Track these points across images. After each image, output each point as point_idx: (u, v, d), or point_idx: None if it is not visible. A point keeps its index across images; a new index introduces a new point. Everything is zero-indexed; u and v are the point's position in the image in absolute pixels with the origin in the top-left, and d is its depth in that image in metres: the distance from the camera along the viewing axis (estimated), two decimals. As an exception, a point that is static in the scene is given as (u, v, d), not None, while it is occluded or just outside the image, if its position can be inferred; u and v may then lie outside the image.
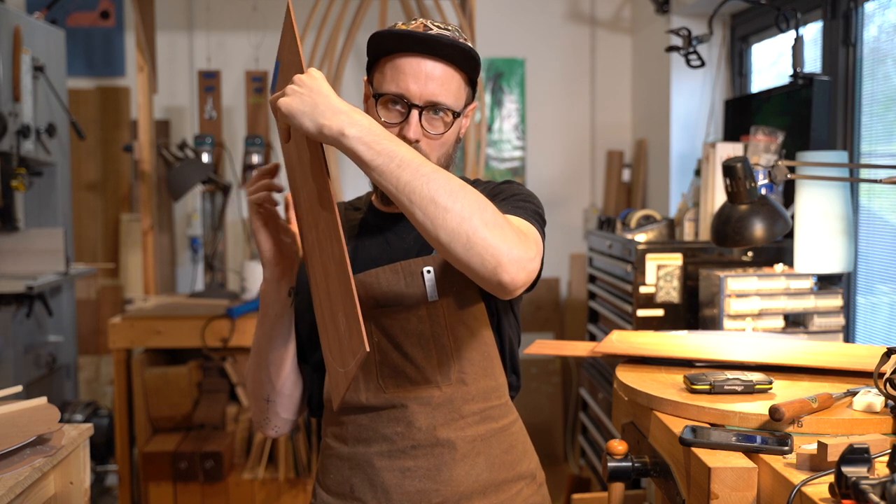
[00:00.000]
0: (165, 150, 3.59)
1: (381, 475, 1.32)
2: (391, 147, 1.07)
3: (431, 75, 1.25)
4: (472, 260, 1.06)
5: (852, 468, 0.94)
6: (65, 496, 1.37)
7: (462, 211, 1.05)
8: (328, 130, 1.06)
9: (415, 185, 1.05)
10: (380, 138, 1.07)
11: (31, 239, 3.05)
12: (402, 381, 1.32)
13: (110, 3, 3.99)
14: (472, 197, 1.07)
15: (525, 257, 1.09)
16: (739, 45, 3.32)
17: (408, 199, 1.06)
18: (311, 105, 1.08)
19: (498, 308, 1.38)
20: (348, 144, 1.06)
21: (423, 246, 1.36)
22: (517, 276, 1.08)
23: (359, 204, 1.48)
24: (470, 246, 1.06)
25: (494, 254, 1.06)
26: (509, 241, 1.08)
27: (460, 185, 1.08)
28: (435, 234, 1.06)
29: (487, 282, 1.09)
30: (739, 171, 1.84)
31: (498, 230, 1.07)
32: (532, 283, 1.21)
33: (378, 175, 1.07)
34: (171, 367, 3.16)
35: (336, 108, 1.08)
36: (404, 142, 1.13)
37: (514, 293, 1.11)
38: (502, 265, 1.07)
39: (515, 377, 1.43)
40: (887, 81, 2.32)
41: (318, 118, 1.07)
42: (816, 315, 2.19)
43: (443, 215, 1.05)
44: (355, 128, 1.06)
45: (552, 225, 3.98)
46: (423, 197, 1.05)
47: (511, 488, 1.37)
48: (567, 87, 4.08)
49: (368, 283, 1.34)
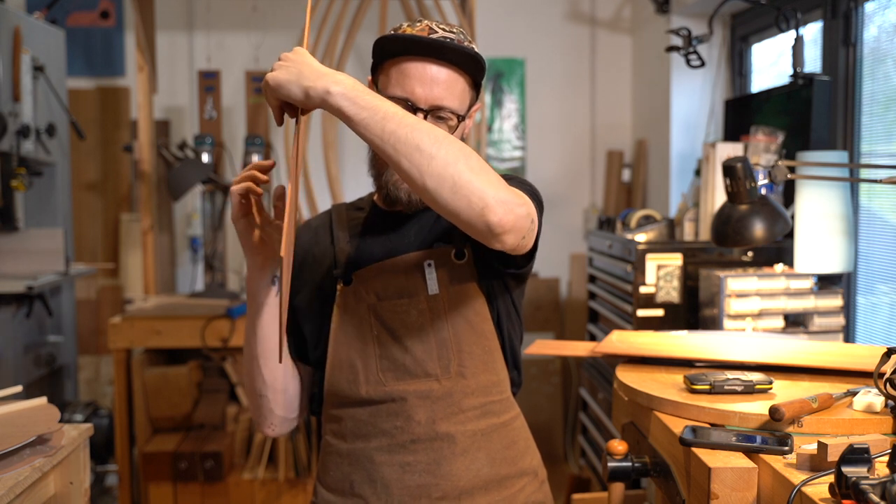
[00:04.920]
0: (165, 150, 3.59)
1: (381, 470, 1.33)
2: (375, 102, 1.10)
3: (437, 79, 1.27)
4: (459, 203, 1.08)
5: (852, 468, 0.94)
6: (65, 496, 1.37)
7: (447, 156, 1.07)
8: (313, 92, 1.09)
9: (399, 133, 1.07)
10: (363, 94, 1.10)
11: (31, 239, 3.05)
12: (401, 373, 1.33)
13: (110, 3, 3.99)
14: (456, 145, 1.10)
15: (513, 201, 1.10)
16: (739, 45, 3.32)
17: (392, 149, 1.08)
18: (297, 73, 1.11)
19: (503, 303, 1.39)
20: (333, 102, 1.09)
21: (423, 241, 1.37)
22: (504, 217, 1.09)
23: (361, 204, 1.48)
24: (456, 189, 1.07)
25: (481, 195, 1.08)
26: (495, 185, 1.10)
27: (444, 135, 1.10)
28: (421, 180, 1.08)
29: (475, 226, 1.10)
30: (739, 171, 1.84)
31: (483, 175, 1.09)
32: (529, 252, 1.23)
33: (363, 128, 1.09)
34: (171, 367, 3.16)
35: (319, 71, 1.11)
36: None
37: (503, 238, 1.11)
38: (489, 206, 1.08)
39: (517, 373, 1.43)
40: (887, 81, 2.32)
41: (303, 82, 1.10)
42: (816, 315, 2.19)
43: (428, 161, 1.07)
44: (339, 86, 1.09)
45: (552, 225, 3.98)
46: (407, 145, 1.07)
47: (514, 484, 1.37)
48: (567, 87, 4.08)
49: (369, 277, 1.34)
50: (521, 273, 1.37)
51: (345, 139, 3.88)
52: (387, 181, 1.34)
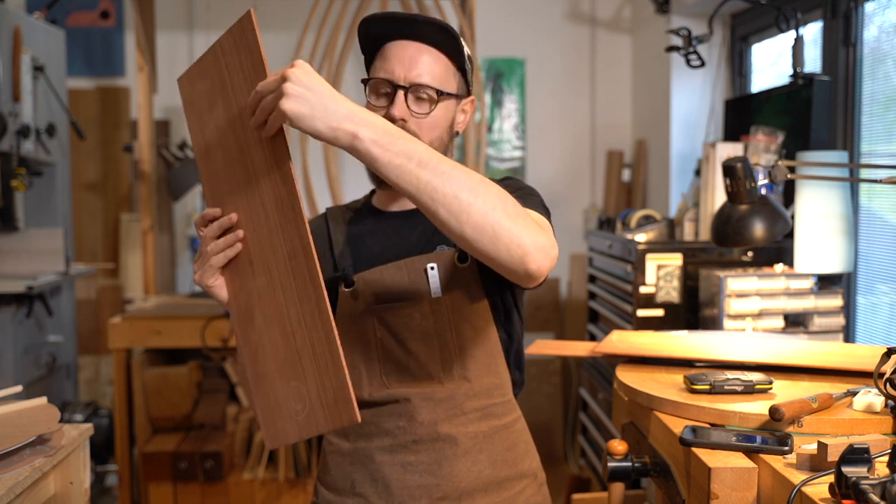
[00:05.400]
0: (165, 150, 3.59)
1: (382, 470, 1.33)
2: (408, 147, 1.06)
3: (415, 59, 1.30)
4: (499, 252, 1.08)
5: (852, 468, 0.94)
6: (65, 496, 1.37)
7: (485, 205, 1.07)
8: (342, 133, 1.03)
9: (435, 183, 1.05)
10: (395, 139, 1.05)
11: (31, 239, 3.05)
12: (404, 376, 1.33)
13: (110, 3, 3.99)
14: (493, 190, 1.09)
15: (548, 245, 1.12)
16: (739, 45, 3.32)
17: (430, 198, 1.06)
18: (321, 108, 1.03)
19: (506, 305, 1.39)
20: (363, 148, 1.04)
21: (426, 243, 1.36)
22: (543, 264, 1.11)
23: (356, 206, 1.48)
24: (496, 238, 1.07)
25: (520, 244, 1.08)
26: (532, 231, 1.10)
27: (480, 180, 1.09)
28: (460, 230, 1.07)
29: (515, 272, 1.11)
30: (739, 171, 1.83)
31: (521, 220, 1.10)
32: None
33: (396, 177, 1.05)
34: (171, 367, 3.16)
35: (345, 108, 1.04)
36: (391, 122, 1.12)
37: (539, 280, 1.14)
38: (529, 254, 1.09)
39: (519, 373, 1.43)
40: (887, 81, 2.32)
41: (330, 122, 1.03)
42: (816, 315, 2.19)
43: (467, 210, 1.06)
44: (369, 129, 1.04)
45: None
46: (445, 195, 1.06)
47: (514, 486, 1.37)
48: (567, 87, 4.08)
49: (372, 280, 1.34)
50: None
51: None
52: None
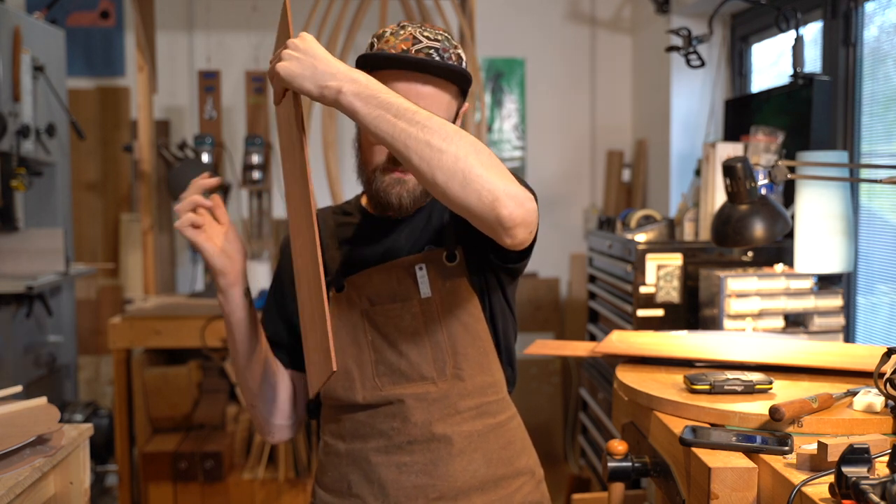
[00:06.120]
0: (165, 150, 3.59)
1: (378, 471, 1.33)
2: (388, 99, 1.10)
3: (421, 94, 1.26)
4: (469, 197, 1.08)
5: (852, 468, 0.94)
6: (65, 496, 1.37)
7: (457, 151, 1.08)
8: (328, 91, 1.09)
9: (410, 131, 1.08)
10: (376, 93, 1.10)
11: (31, 239, 3.05)
12: (397, 377, 1.33)
13: (110, 2, 3.99)
14: (467, 139, 1.10)
15: (522, 195, 1.11)
16: (739, 45, 3.32)
17: (403, 145, 1.08)
18: (311, 68, 1.11)
19: (496, 302, 1.39)
20: (345, 101, 1.09)
21: (414, 245, 1.37)
22: (515, 211, 1.09)
23: (349, 209, 1.47)
24: (466, 183, 1.08)
25: (491, 189, 1.08)
26: (505, 179, 1.10)
27: (455, 130, 1.10)
28: (432, 175, 1.08)
29: (486, 219, 1.10)
30: (739, 171, 1.83)
31: (494, 169, 1.10)
32: (530, 242, 1.21)
33: (374, 127, 1.09)
34: (170, 367, 3.16)
35: (334, 68, 1.11)
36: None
37: (514, 232, 1.11)
38: (499, 199, 1.08)
39: (511, 370, 1.43)
40: (887, 81, 2.32)
41: (318, 80, 1.10)
42: (816, 315, 2.19)
43: (438, 156, 1.07)
44: (353, 84, 1.10)
45: (552, 225, 3.98)
46: (418, 140, 1.08)
47: (510, 485, 1.37)
48: (567, 87, 4.08)
49: (361, 283, 1.35)
50: (517, 268, 1.37)
51: (345, 139, 3.88)
52: (377, 188, 1.32)
